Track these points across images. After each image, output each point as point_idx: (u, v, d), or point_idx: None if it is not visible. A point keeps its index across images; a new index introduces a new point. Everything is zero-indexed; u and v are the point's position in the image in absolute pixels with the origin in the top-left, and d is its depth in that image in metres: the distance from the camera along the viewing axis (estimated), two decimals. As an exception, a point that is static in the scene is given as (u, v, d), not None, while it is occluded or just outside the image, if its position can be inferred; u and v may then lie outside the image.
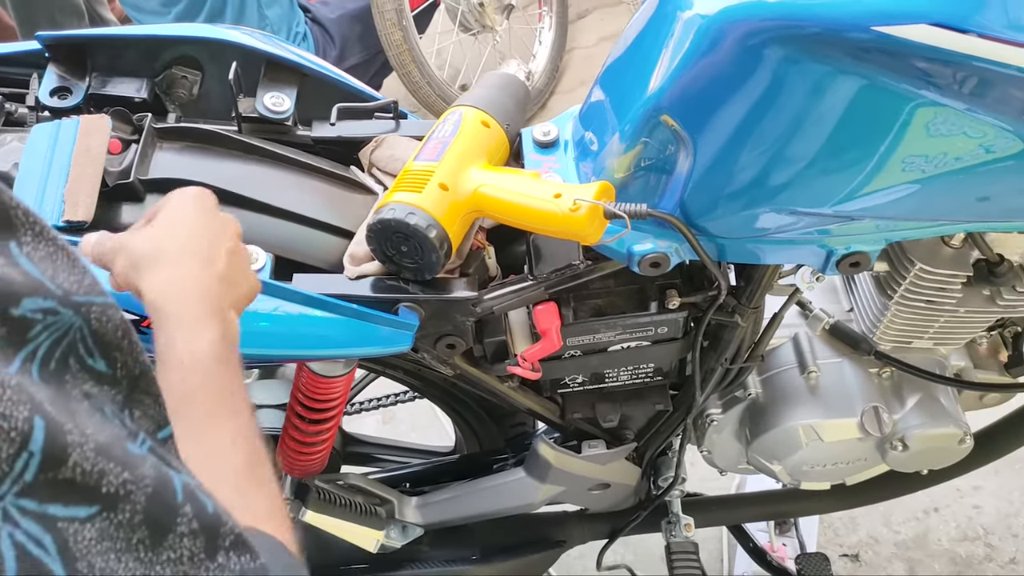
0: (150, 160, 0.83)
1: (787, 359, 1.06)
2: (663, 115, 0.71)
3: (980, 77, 0.62)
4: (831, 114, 0.67)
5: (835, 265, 0.79)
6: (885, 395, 1.04)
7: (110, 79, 0.91)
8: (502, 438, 1.20)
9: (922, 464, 1.09)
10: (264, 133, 0.91)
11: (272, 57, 0.92)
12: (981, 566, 1.67)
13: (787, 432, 1.04)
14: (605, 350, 0.93)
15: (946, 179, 0.70)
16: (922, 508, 1.74)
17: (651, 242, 0.78)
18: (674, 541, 1.18)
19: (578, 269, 0.83)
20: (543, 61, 2.71)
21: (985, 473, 1.70)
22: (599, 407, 1.02)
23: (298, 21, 2.24)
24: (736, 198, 0.74)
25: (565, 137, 0.87)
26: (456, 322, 0.83)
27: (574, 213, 0.72)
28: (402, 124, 0.93)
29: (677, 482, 1.14)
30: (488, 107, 0.85)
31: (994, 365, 1.08)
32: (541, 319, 0.85)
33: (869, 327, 1.00)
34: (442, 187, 0.77)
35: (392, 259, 0.78)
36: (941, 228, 0.80)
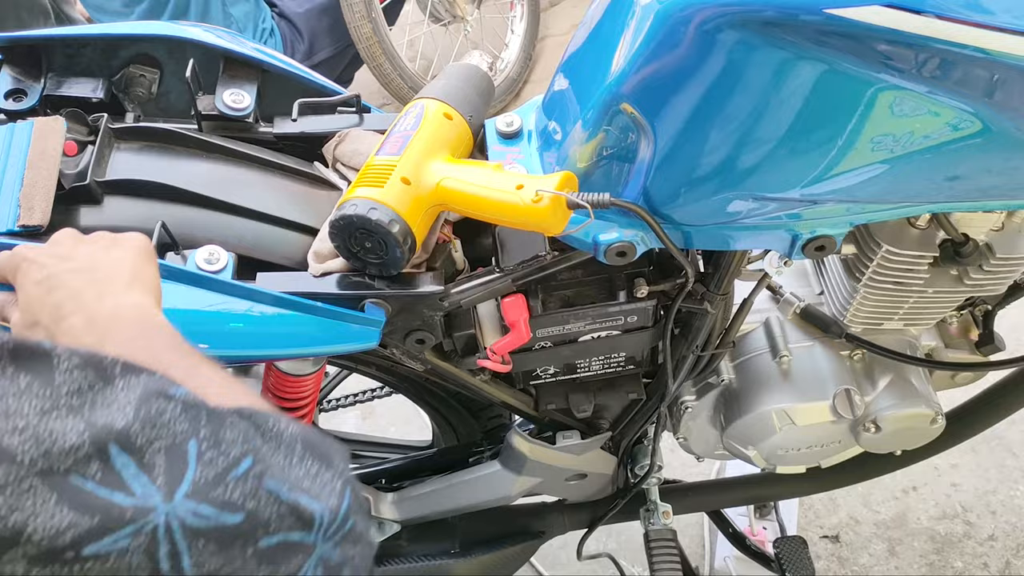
0: (107, 161, 0.82)
1: (759, 344, 1.06)
2: (622, 103, 0.71)
3: (939, 59, 0.62)
4: (791, 100, 0.66)
5: (801, 249, 0.79)
6: (857, 377, 1.04)
7: (66, 80, 0.90)
8: (479, 431, 1.19)
9: (895, 445, 1.09)
10: (225, 131, 0.89)
11: (230, 53, 0.91)
12: (960, 544, 1.68)
13: (761, 417, 1.04)
14: (575, 341, 0.93)
15: (912, 160, 0.70)
16: (901, 488, 1.75)
17: (616, 231, 0.78)
18: (652, 529, 1.18)
19: (545, 260, 0.82)
20: (515, 50, 2.70)
21: (962, 451, 1.72)
22: (572, 398, 1.02)
23: (264, 17, 2.22)
24: (698, 185, 0.73)
25: (528, 127, 0.86)
26: (424, 317, 0.83)
27: (537, 204, 0.71)
28: (365, 118, 0.92)
29: (653, 470, 1.14)
30: (450, 99, 0.84)
31: (965, 344, 1.09)
32: (509, 311, 0.85)
33: (839, 310, 1.00)
34: (404, 181, 0.76)
35: (356, 255, 0.78)
36: (907, 209, 0.80)
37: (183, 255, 0.77)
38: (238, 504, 0.38)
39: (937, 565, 1.66)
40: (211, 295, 0.75)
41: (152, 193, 0.81)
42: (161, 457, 0.37)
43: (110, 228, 0.79)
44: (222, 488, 0.38)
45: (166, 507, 0.36)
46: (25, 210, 0.75)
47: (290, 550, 0.39)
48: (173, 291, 0.74)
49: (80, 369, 0.38)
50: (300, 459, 0.42)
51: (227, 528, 0.37)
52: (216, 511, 0.37)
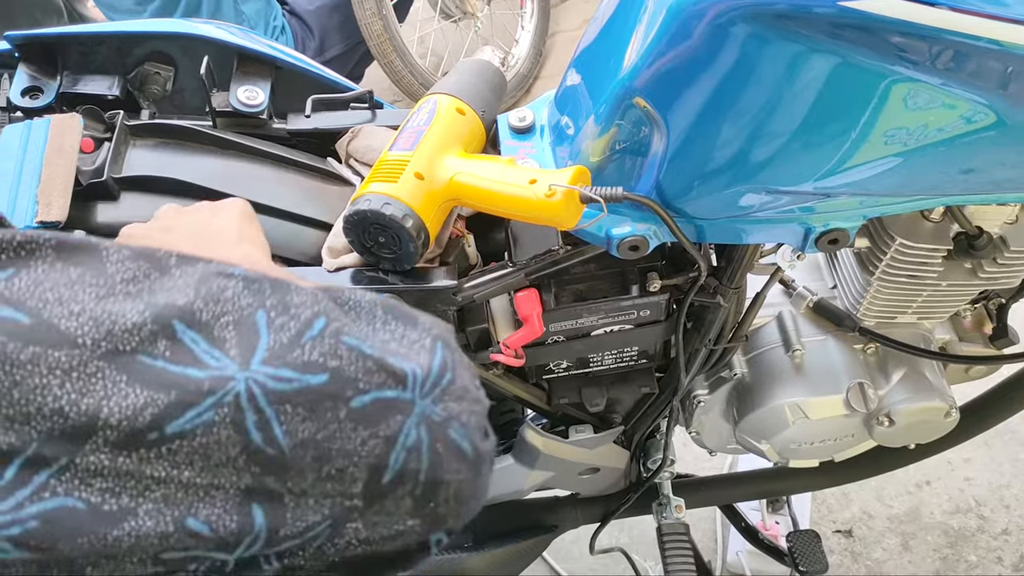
0: (123, 158, 0.83)
1: (771, 338, 1.06)
2: (635, 97, 0.71)
3: (953, 51, 0.62)
4: (804, 93, 0.66)
5: (814, 243, 0.79)
6: (870, 371, 1.04)
7: (82, 77, 0.91)
8: (492, 425, 1.20)
9: (909, 439, 1.09)
10: (239, 127, 0.90)
11: (244, 50, 0.91)
12: (974, 538, 1.68)
13: (773, 411, 1.04)
14: (588, 335, 0.93)
15: (926, 152, 0.70)
16: (914, 482, 1.75)
17: (629, 225, 0.78)
18: (665, 523, 1.18)
19: (557, 255, 0.83)
20: (526, 46, 2.70)
21: (975, 445, 1.72)
22: (585, 392, 1.02)
23: (275, 15, 2.23)
24: (711, 179, 0.73)
25: (541, 122, 0.87)
26: (438, 311, 0.83)
27: (550, 199, 0.72)
28: (378, 114, 0.92)
29: (666, 464, 1.14)
30: (463, 94, 0.84)
31: (979, 338, 1.09)
32: (522, 305, 0.85)
33: (852, 303, 1.00)
34: (417, 176, 0.76)
35: (370, 250, 0.78)
36: (921, 202, 0.80)
37: (199, 251, 0.78)
38: (319, 363, 0.36)
39: (951, 559, 1.65)
40: (227, 290, 0.76)
41: (168, 189, 0.82)
42: (230, 331, 0.36)
43: (127, 224, 0.80)
44: (299, 350, 0.36)
45: (244, 374, 0.35)
46: (43, 206, 0.76)
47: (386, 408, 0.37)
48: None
49: (132, 260, 0.37)
50: (383, 323, 0.41)
51: (312, 389, 0.36)
52: (297, 373, 0.36)
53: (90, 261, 0.36)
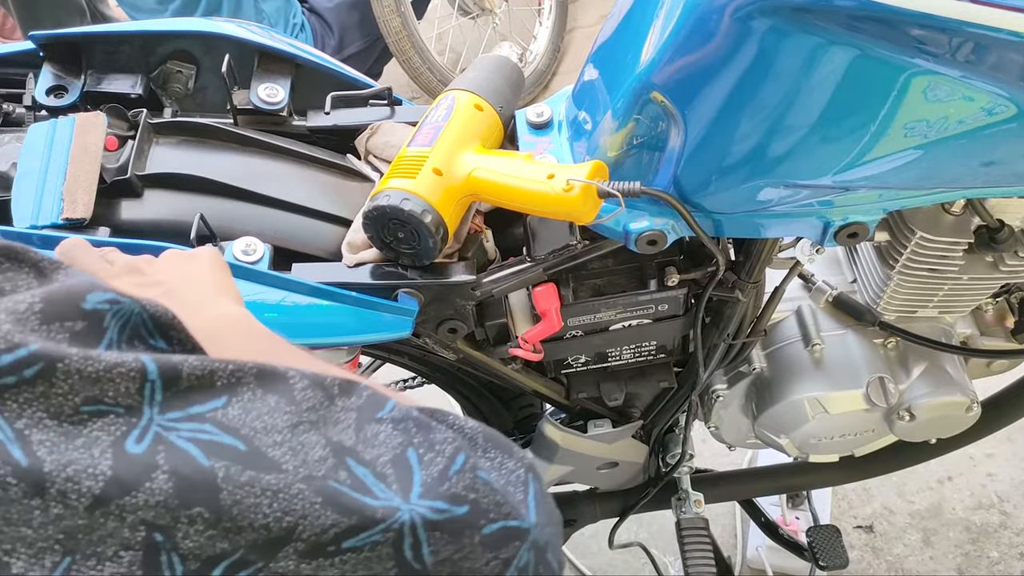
0: (147, 156, 0.84)
1: (791, 332, 1.06)
2: (653, 92, 0.71)
3: (974, 43, 0.62)
4: (823, 86, 0.66)
5: (833, 236, 0.79)
6: (891, 365, 1.04)
7: (105, 76, 0.92)
8: (511, 420, 1.20)
9: (930, 433, 1.09)
10: (260, 125, 0.91)
11: (265, 48, 0.92)
12: (996, 534, 1.67)
13: (793, 405, 1.04)
14: (606, 329, 0.93)
15: (946, 145, 0.69)
16: (936, 477, 1.74)
17: (647, 220, 0.78)
18: (684, 517, 1.18)
19: (576, 249, 0.83)
20: (544, 42, 2.70)
21: (998, 440, 1.70)
22: (603, 386, 1.03)
23: (295, 12, 2.24)
24: (729, 173, 0.73)
25: (559, 117, 0.87)
26: (456, 306, 0.84)
27: (567, 193, 0.72)
28: (397, 110, 0.93)
29: (684, 458, 1.14)
30: (481, 90, 0.85)
31: (1001, 332, 1.08)
32: (540, 300, 0.86)
33: (873, 298, 1.00)
34: (436, 172, 0.77)
35: (389, 245, 0.79)
36: (941, 195, 0.79)
37: (221, 247, 0.78)
38: (463, 496, 0.42)
39: (972, 555, 1.64)
40: (248, 285, 0.77)
41: (190, 186, 0.83)
42: (389, 468, 0.42)
43: (150, 221, 0.81)
44: (447, 484, 0.42)
45: (407, 506, 0.41)
46: (68, 204, 0.77)
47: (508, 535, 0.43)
48: (211, 282, 0.75)
49: (311, 389, 0.43)
50: (491, 453, 0.47)
51: (457, 519, 0.42)
52: (447, 504, 0.42)
53: (282, 389, 0.42)
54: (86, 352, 0.37)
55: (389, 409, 0.45)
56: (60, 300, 0.39)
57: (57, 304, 0.39)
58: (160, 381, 0.39)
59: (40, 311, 0.38)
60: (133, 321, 0.42)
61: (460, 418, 0.48)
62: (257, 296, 0.77)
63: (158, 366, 0.39)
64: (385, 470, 0.42)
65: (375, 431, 0.43)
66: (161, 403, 0.39)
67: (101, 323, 0.40)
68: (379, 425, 0.44)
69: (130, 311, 0.42)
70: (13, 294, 0.38)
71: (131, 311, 0.42)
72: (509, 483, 0.45)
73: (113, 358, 0.38)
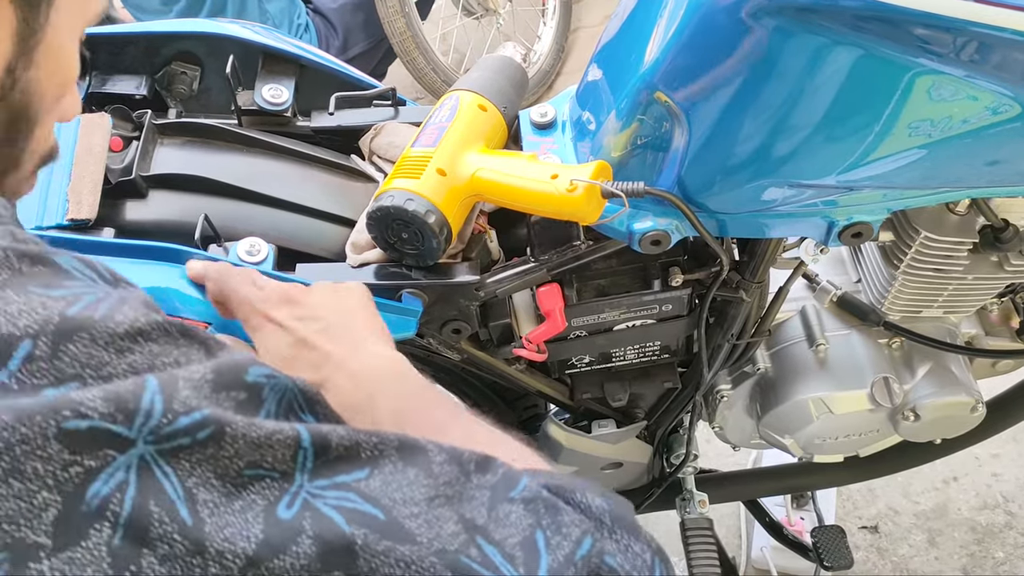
0: (151, 156, 0.84)
1: (795, 332, 1.06)
2: (657, 92, 0.71)
3: (978, 43, 0.62)
4: (828, 86, 0.66)
5: (837, 236, 0.79)
6: (895, 365, 1.03)
7: (110, 77, 0.92)
8: (515, 420, 1.20)
9: (935, 434, 1.08)
10: (264, 125, 0.91)
11: (269, 49, 0.92)
12: (1002, 534, 1.66)
13: (797, 406, 1.04)
14: (610, 329, 0.93)
15: (951, 145, 0.69)
16: (941, 478, 1.73)
17: (651, 220, 0.78)
18: (688, 517, 1.18)
19: (579, 250, 0.83)
20: (548, 42, 2.70)
21: (1003, 440, 1.70)
22: (608, 386, 1.03)
23: (299, 13, 2.24)
24: (733, 173, 0.73)
25: (562, 118, 0.87)
26: (460, 306, 0.84)
27: (571, 193, 0.72)
28: (401, 111, 0.93)
29: (689, 459, 1.14)
30: (485, 90, 0.85)
31: (1006, 332, 1.08)
32: (544, 300, 0.86)
33: (877, 298, 1.00)
34: (440, 172, 0.77)
35: (393, 246, 0.79)
36: (945, 195, 0.79)
37: (225, 247, 0.79)
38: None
39: (978, 556, 1.64)
40: (253, 286, 0.77)
41: (195, 187, 0.83)
42: (518, 549, 0.44)
43: (155, 221, 0.81)
44: (572, 569, 0.44)
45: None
46: (73, 204, 0.77)
47: None
48: (216, 282, 0.76)
49: (448, 463, 0.46)
50: (610, 532, 0.48)
51: None
52: None
53: (422, 462, 0.45)
54: (250, 419, 0.41)
55: (521, 488, 0.47)
56: (227, 371, 0.43)
57: (225, 375, 0.42)
58: (312, 450, 0.42)
59: (211, 380, 0.42)
60: (287, 395, 0.45)
61: (589, 495, 0.49)
62: (261, 296, 0.77)
63: (311, 435, 0.42)
64: (514, 551, 0.44)
65: (507, 511, 0.45)
66: (311, 471, 0.42)
67: (260, 394, 0.44)
68: (510, 505, 0.46)
69: (284, 385, 0.46)
70: (188, 365, 0.42)
71: (285, 385, 0.46)
72: (635, 568, 0.46)
73: (272, 426, 0.42)
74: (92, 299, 0.42)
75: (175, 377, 0.41)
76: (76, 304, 0.41)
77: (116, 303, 0.43)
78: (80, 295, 0.42)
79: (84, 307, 0.41)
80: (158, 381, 0.40)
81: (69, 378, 0.39)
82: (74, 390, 0.39)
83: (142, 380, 0.40)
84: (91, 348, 0.40)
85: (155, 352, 0.42)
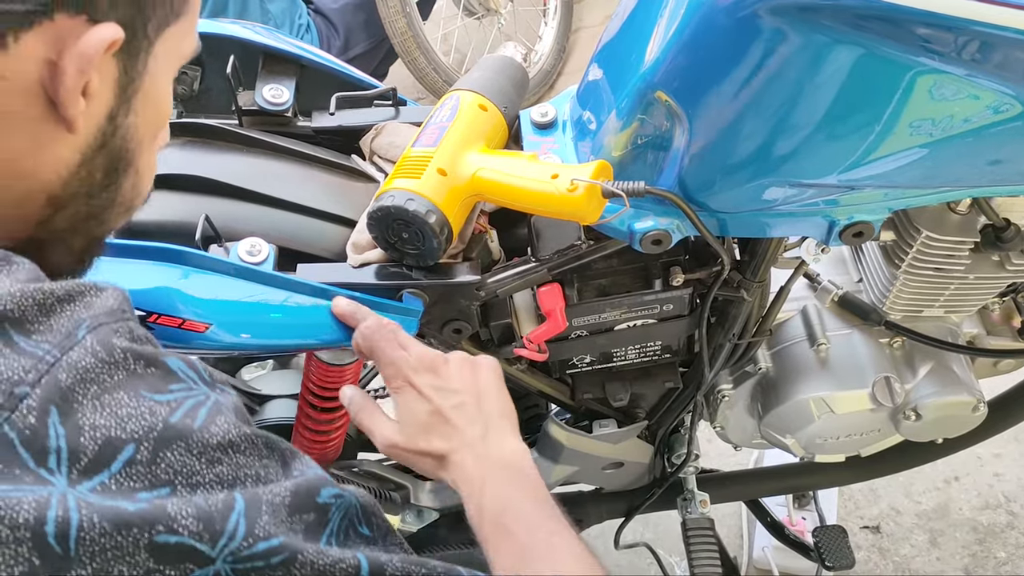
0: (152, 156, 0.84)
1: (796, 332, 1.06)
2: (657, 91, 0.71)
3: (979, 42, 0.61)
4: (828, 85, 0.66)
5: (838, 236, 0.79)
6: (897, 365, 1.03)
7: (111, 77, 0.92)
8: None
9: (936, 433, 1.08)
10: (265, 125, 0.91)
11: (269, 49, 0.92)
12: (1003, 534, 1.66)
13: (799, 405, 1.03)
14: (611, 329, 0.93)
15: (952, 144, 0.69)
16: (943, 478, 1.73)
17: (652, 219, 0.78)
18: (690, 517, 1.18)
19: (580, 249, 0.83)
20: (549, 42, 2.70)
21: (1005, 440, 1.70)
22: (609, 386, 1.03)
23: (300, 13, 2.24)
24: (734, 172, 0.73)
25: (563, 117, 0.87)
26: (461, 306, 0.84)
27: (571, 193, 0.72)
28: (402, 111, 0.93)
29: (690, 459, 1.14)
30: (485, 90, 0.85)
31: (1007, 331, 1.07)
32: (545, 300, 0.86)
33: (878, 297, 1.00)
34: (440, 172, 0.77)
35: (394, 246, 0.79)
36: (947, 194, 0.79)
37: (226, 247, 0.79)
38: None
39: (980, 556, 1.64)
40: (253, 286, 0.77)
41: (196, 187, 0.83)
42: None
43: (156, 222, 0.81)
44: None
45: None
46: (74, 205, 0.77)
47: None
48: (216, 283, 0.76)
49: None
50: None
51: None
52: None
53: None
54: (318, 547, 0.45)
55: None
56: (304, 493, 0.47)
57: (301, 497, 0.47)
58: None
59: (289, 504, 0.46)
60: (349, 512, 0.50)
61: None
62: (262, 297, 0.77)
63: (369, 564, 0.47)
64: None
65: None
66: None
67: (327, 515, 0.48)
68: None
69: (348, 503, 0.50)
70: (268, 483, 0.47)
71: (349, 503, 0.50)
72: None
73: (337, 554, 0.46)
74: (192, 404, 0.46)
75: (258, 498, 0.45)
76: (179, 410, 0.45)
77: (212, 412, 0.46)
78: (183, 400, 0.46)
79: (185, 414, 0.45)
80: (244, 502, 0.44)
81: (162, 483, 0.43)
82: (165, 497, 0.42)
83: (231, 498, 0.44)
84: (186, 456, 0.44)
85: (240, 464, 0.46)
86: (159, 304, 0.73)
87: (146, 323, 0.74)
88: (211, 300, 0.75)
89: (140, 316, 0.74)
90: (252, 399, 1.18)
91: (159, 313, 0.73)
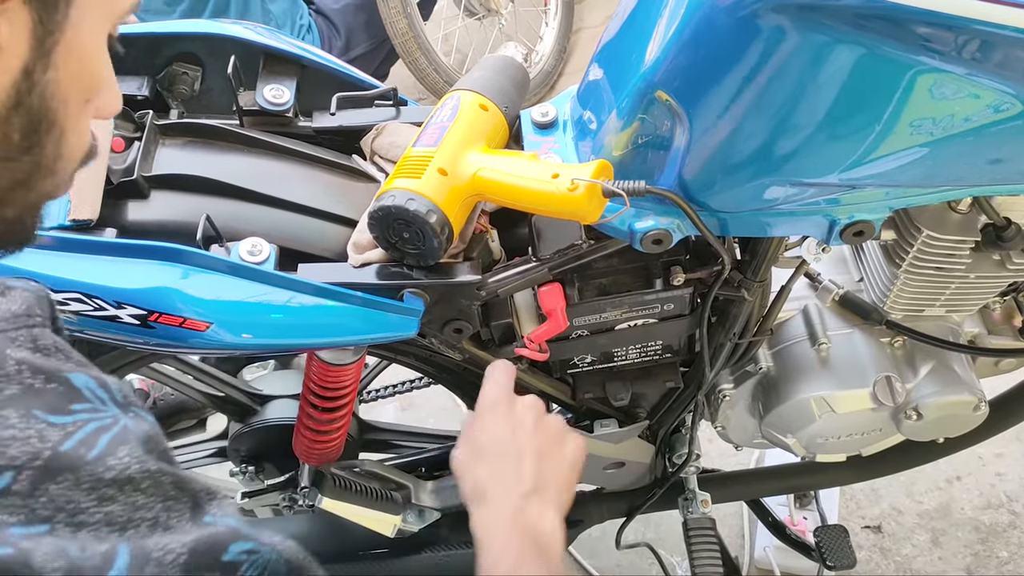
0: (153, 157, 0.84)
1: (797, 332, 1.06)
2: (658, 91, 0.71)
3: (980, 40, 0.61)
4: (829, 84, 0.66)
5: (839, 235, 0.79)
6: (898, 364, 1.03)
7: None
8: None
9: (938, 433, 1.08)
10: (265, 126, 0.91)
11: (270, 49, 0.92)
12: (1005, 533, 1.66)
13: (800, 405, 1.03)
14: (612, 329, 0.93)
15: (952, 143, 0.69)
16: (944, 477, 1.73)
17: (652, 219, 0.78)
18: (691, 517, 1.18)
19: (581, 249, 0.83)
20: (550, 42, 2.70)
21: (1007, 439, 1.70)
22: (609, 386, 1.03)
23: (302, 14, 2.25)
24: (735, 171, 0.73)
25: (564, 117, 0.87)
26: (462, 306, 0.84)
27: (572, 193, 0.72)
28: (403, 111, 0.93)
29: (691, 458, 1.14)
30: (486, 90, 0.85)
31: (1009, 330, 1.07)
32: (546, 300, 0.86)
33: (879, 297, 1.00)
34: (441, 172, 0.77)
35: (395, 246, 0.79)
36: (947, 193, 0.79)
37: (227, 247, 0.79)
38: None
39: (982, 555, 1.64)
40: (254, 286, 0.77)
41: (196, 187, 0.83)
42: None
43: (157, 222, 0.82)
44: None
45: None
46: (75, 205, 0.77)
47: None
48: (218, 283, 0.76)
49: None
50: None
51: None
52: None
53: None
54: None
55: None
56: (203, 552, 0.41)
57: (200, 555, 0.41)
58: None
59: (184, 563, 0.40)
60: (269, 568, 0.44)
61: None
62: (263, 297, 0.77)
63: None
64: None
65: None
66: None
67: (236, 573, 0.43)
68: None
69: (266, 561, 0.44)
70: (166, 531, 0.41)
71: (267, 560, 0.44)
72: None
73: None
74: (93, 428, 0.41)
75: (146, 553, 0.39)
76: (75, 435, 0.40)
77: (116, 440, 0.41)
78: (84, 423, 0.41)
79: (81, 441, 0.40)
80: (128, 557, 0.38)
81: (40, 520, 0.38)
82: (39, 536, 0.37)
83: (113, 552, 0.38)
84: (73, 491, 0.39)
85: (137, 505, 0.41)
86: (160, 303, 0.73)
87: (146, 322, 0.74)
88: (212, 300, 0.75)
89: (140, 315, 0.74)
90: (253, 399, 1.19)
91: (160, 312, 0.74)
